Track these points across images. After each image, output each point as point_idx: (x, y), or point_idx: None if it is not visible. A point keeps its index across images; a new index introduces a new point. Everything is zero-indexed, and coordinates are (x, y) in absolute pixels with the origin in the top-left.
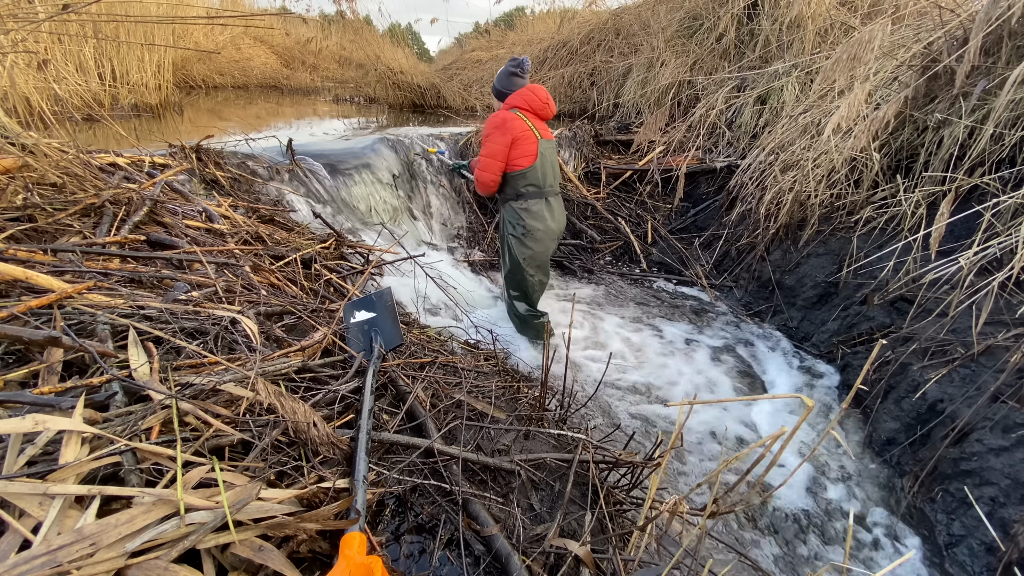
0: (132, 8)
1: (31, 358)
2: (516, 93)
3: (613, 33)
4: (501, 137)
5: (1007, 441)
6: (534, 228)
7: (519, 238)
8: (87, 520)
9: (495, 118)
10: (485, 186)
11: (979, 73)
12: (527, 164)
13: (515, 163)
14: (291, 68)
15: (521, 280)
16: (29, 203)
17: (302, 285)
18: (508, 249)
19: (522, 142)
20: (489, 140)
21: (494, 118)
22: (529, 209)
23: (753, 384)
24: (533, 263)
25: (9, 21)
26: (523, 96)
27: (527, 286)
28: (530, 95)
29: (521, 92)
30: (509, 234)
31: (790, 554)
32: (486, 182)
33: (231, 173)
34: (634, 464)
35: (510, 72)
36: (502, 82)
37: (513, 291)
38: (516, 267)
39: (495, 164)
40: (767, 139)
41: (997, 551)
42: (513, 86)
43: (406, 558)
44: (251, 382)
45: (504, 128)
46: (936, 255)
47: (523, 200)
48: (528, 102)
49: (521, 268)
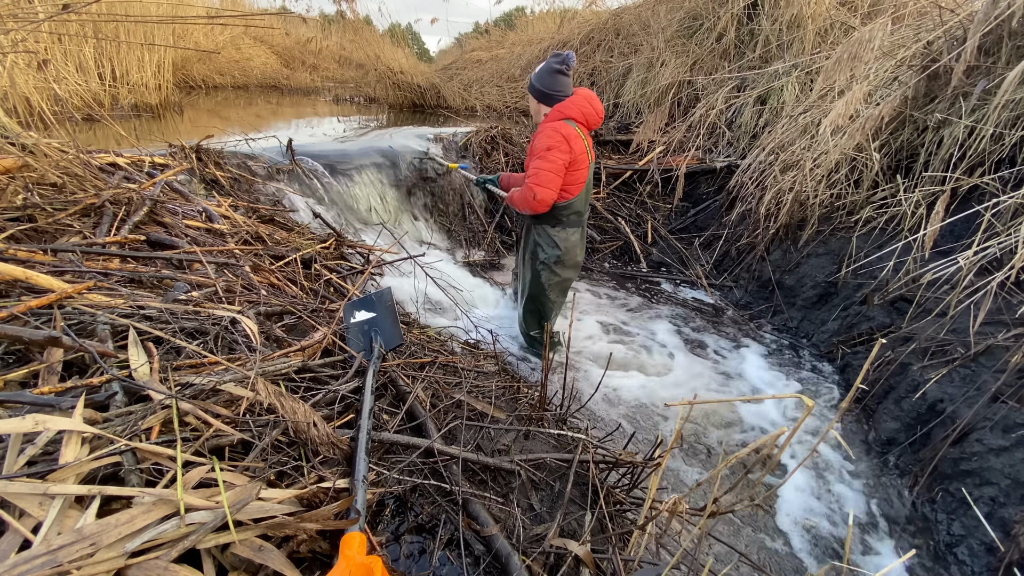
0: (132, 8)
1: (31, 358)
2: (570, 101)
3: (613, 33)
4: (564, 155)
5: (1007, 441)
6: (567, 259)
7: (550, 265)
8: (87, 520)
9: (557, 129)
10: (541, 204)
11: (979, 73)
12: (577, 193)
13: (567, 190)
14: (291, 68)
15: (543, 305)
16: (29, 203)
17: (302, 285)
18: (535, 274)
19: (578, 166)
20: (552, 154)
21: (556, 129)
22: (568, 239)
23: (753, 384)
24: (558, 289)
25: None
26: (579, 107)
27: (548, 311)
28: (587, 107)
29: (576, 102)
30: (540, 260)
31: (790, 554)
32: (544, 199)
33: (231, 173)
34: (634, 464)
35: (555, 69)
36: (545, 81)
37: (531, 313)
38: (540, 293)
39: (557, 180)
40: (767, 139)
41: (997, 551)
42: (560, 87)
43: (406, 558)
44: (251, 382)
45: (570, 146)
46: (935, 255)
47: (561, 228)
48: (585, 115)
49: (545, 294)
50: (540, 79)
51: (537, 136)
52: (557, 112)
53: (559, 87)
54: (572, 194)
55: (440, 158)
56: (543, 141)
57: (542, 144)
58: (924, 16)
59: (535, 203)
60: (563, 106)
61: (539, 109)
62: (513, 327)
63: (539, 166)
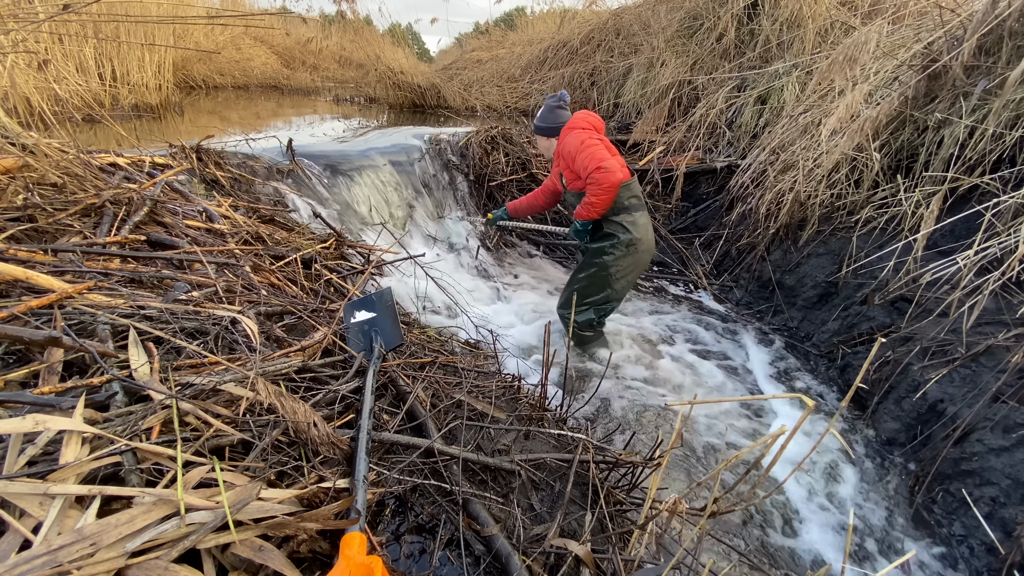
0: (132, 8)
1: (31, 358)
2: (578, 117)
3: (613, 33)
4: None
5: (1007, 441)
6: (640, 244)
7: (623, 252)
8: (87, 520)
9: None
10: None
11: (979, 73)
12: (629, 175)
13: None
14: (291, 68)
15: (605, 292)
16: (29, 203)
17: (302, 285)
18: (603, 268)
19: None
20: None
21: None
22: (636, 222)
23: (753, 384)
24: (626, 279)
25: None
26: (586, 119)
27: (612, 298)
28: (592, 117)
29: (580, 115)
30: (609, 253)
31: (790, 554)
32: (616, 179)
33: (231, 173)
34: (634, 464)
35: (554, 107)
36: (549, 119)
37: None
38: (605, 279)
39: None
40: (767, 139)
41: (998, 552)
42: (562, 119)
43: (406, 558)
44: (251, 382)
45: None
46: (936, 255)
47: (628, 213)
48: (590, 122)
49: (610, 278)
50: (543, 119)
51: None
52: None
53: (562, 120)
54: (625, 175)
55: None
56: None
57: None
58: (924, 16)
59: (610, 187)
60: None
61: (549, 144)
62: (514, 326)
63: (589, 155)
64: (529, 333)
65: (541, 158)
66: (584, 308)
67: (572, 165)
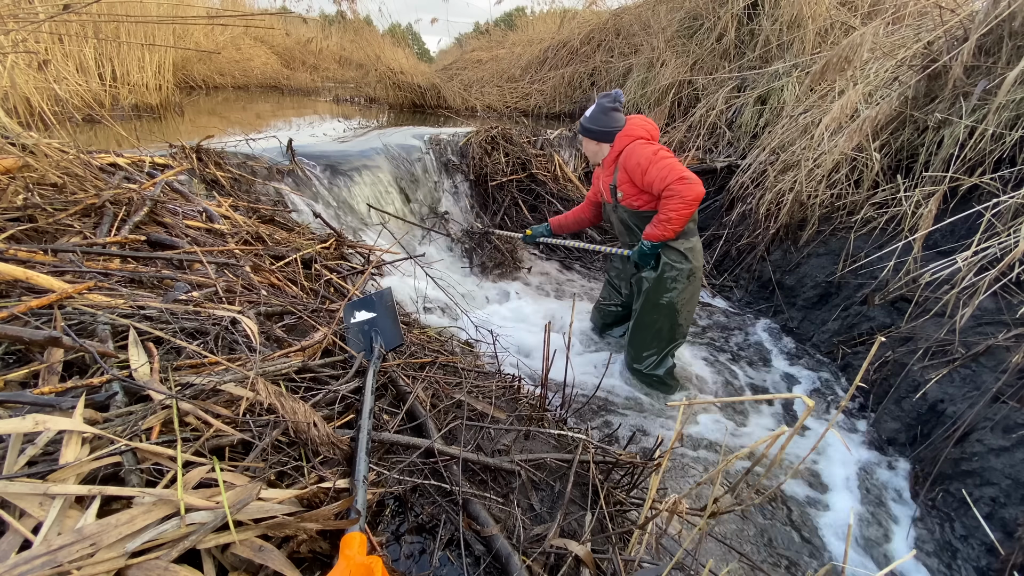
0: (132, 8)
1: (31, 358)
2: (635, 124)
3: (613, 33)
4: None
5: (1008, 441)
6: (697, 268)
7: (684, 281)
8: (87, 520)
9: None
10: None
11: (979, 73)
12: None
13: None
14: (291, 68)
15: (675, 329)
16: (29, 203)
17: (302, 285)
18: (671, 304)
19: None
20: (661, 160)
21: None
22: (694, 248)
23: (753, 384)
24: (689, 308)
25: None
26: (643, 127)
27: (679, 334)
28: (649, 124)
29: (639, 123)
30: (672, 285)
31: (790, 554)
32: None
33: (231, 173)
34: (634, 464)
35: (608, 108)
36: (601, 121)
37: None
38: (673, 315)
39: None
40: (767, 139)
41: (998, 552)
42: (617, 122)
43: (406, 558)
44: (251, 382)
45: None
46: (936, 255)
47: (687, 239)
48: (649, 132)
49: (678, 314)
50: (595, 121)
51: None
52: (625, 137)
53: (616, 123)
54: None
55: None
56: (645, 152)
57: (643, 157)
58: (924, 16)
59: (694, 199)
60: (626, 131)
61: (599, 149)
62: (514, 325)
63: (666, 166)
64: (530, 333)
65: (541, 158)
66: (662, 355)
67: (640, 179)
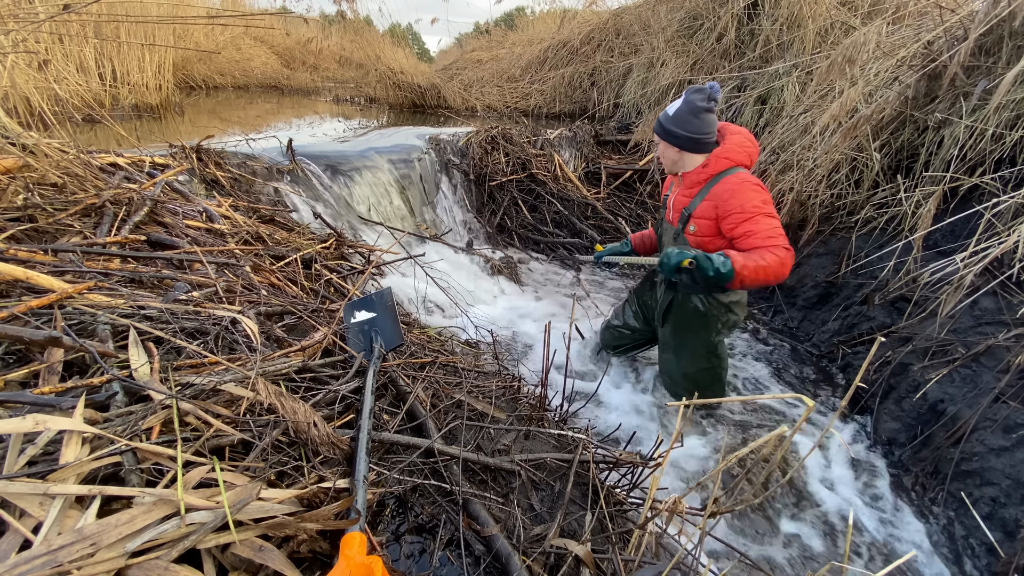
0: (132, 8)
1: (32, 358)
2: (736, 144)
3: (613, 33)
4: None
5: (1008, 441)
6: (739, 322)
7: (726, 334)
8: (87, 520)
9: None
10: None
11: (979, 73)
12: None
13: None
14: (291, 68)
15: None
16: (30, 203)
17: (302, 285)
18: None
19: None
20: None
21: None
22: (741, 301)
23: (753, 384)
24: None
25: (10, 21)
26: (747, 150)
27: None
28: (752, 147)
29: (741, 142)
30: (717, 335)
31: (790, 554)
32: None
33: (231, 173)
34: (634, 464)
35: (701, 109)
36: (693, 125)
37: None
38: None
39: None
40: (767, 139)
41: (998, 552)
42: (711, 128)
43: (406, 558)
44: (251, 382)
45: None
46: (936, 255)
47: (734, 292)
48: (752, 158)
49: (723, 364)
50: (684, 123)
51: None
52: (724, 160)
53: (709, 128)
54: None
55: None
56: (754, 196)
57: (756, 199)
58: (924, 16)
59: (787, 270)
60: (727, 152)
61: (682, 158)
62: (513, 326)
63: (773, 225)
64: (529, 333)
65: (541, 158)
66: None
67: (723, 216)
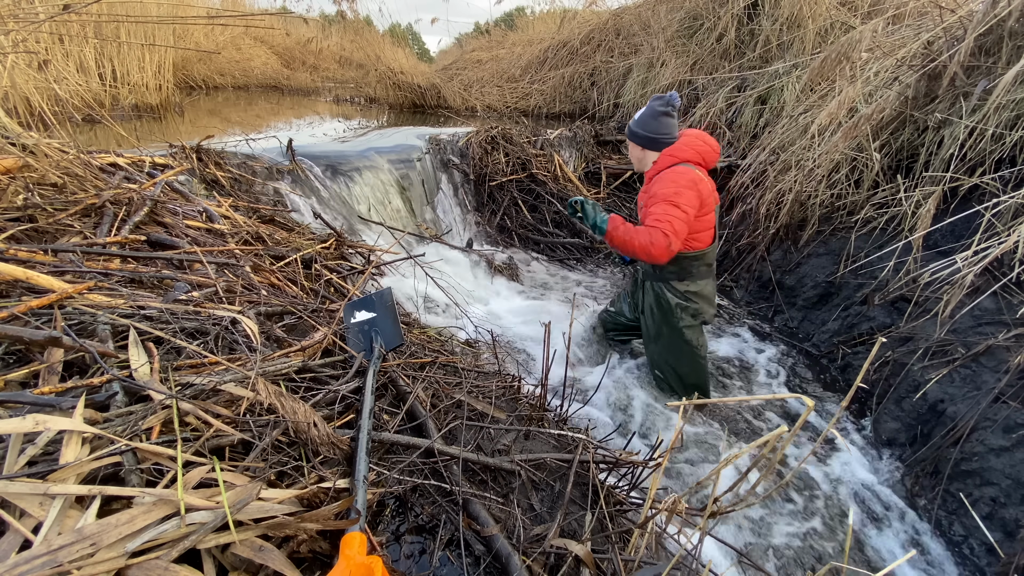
0: (132, 8)
1: (32, 358)
2: (683, 144)
3: (613, 33)
4: (696, 200)
5: (1008, 441)
6: (705, 311)
7: (692, 322)
8: (87, 520)
9: (684, 175)
10: (663, 254)
11: (979, 73)
12: (709, 241)
13: (696, 238)
14: (291, 68)
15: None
16: (30, 203)
17: (302, 285)
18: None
19: (706, 212)
20: (682, 200)
21: (682, 174)
22: (701, 292)
23: (753, 384)
24: (702, 340)
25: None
26: (695, 147)
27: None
28: (703, 146)
29: (689, 142)
30: (682, 322)
31: (790, 554)
32: (670, 250)
33: (231, 173)
34: (634, 464)
35: (660, 112)
36: (651, 126)
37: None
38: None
39: (685, 230)
40: (767, 139)
41: (998, 552)
42: (667, 129)
43: (406, 558)
44: (251, 382)
45: (698, 190)
46: (936, 255)
47: (691, 281)
48: (703, 155)
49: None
50: (644, 125)
51: (658, 183)
52: (669, 157)
53: (666, 130)
54: (704, 243)
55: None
56: (668, 186)
57: (667, 189)
58: (924, 16)
59: (657, 252)
60: (674, 149)
61: (644, 156)
62: (513, 325)
63: (670, 212)
64: (529, 333)
65: (541, 158)
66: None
67: (649, 203)
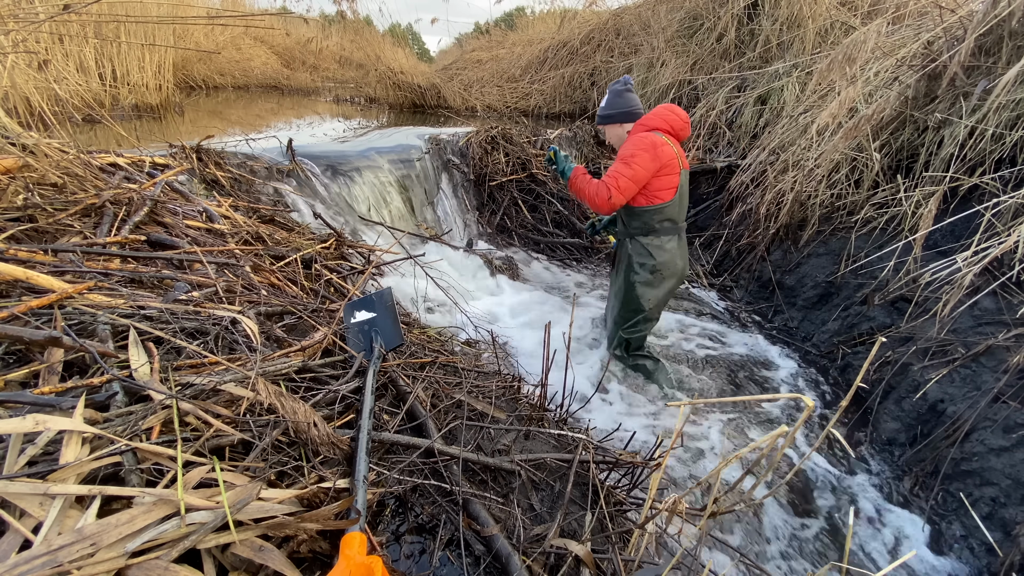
0: (132, 8)
1: (32, 358)
2: (655, 114)
3: (613, 33)
4: (651, 163)
5: (1008, 441)
6: (665, 269)
7: (648, 278)
8: (88, 520)
9: (644, 139)
10: (606, 206)
11: (979, 73)
12: (668, 198)
13: (656, 195)
14: (291, 68)
15: (637, 324)
16: (30, 203)
17: (302, 285)
18: (630, 290)
19: (668, 172)
20: (635, 160)
21: (643, 139)
22: (663, 246)
23: (753, 384)
24: (657, 308)
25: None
26: (663, 117)
27: (643, 332)
28: (671, 115)
29: (660, 113)
30: (635, 274)
31: (790, 554)
32: (615, 202)
33: (231, 173)
34: (634, 464)
35: (622, 91)
36: (619, 104)
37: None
38: (637, 310)
39: (632, 188)
40: (767, 139)
41: (997, 552)
42: (633, 103)
43: (406, 558)
44: (251, 382)
45: (656, 153)
46: (936, 255)
47: (655, 236)
48: (670, 123)
49: (642, 312)
50: (614, 105)
51: (623, 146)
52: (639, 126)
53: (632, 104)
54: (663, 199)
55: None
56: (628, 148)
57: (627, 151)
58: (924, 16)
59: (600, 202)
60: (645, 119)
61: (620, 132)
62: (514, 325)
63: (620, 170)
64: (529, 333)
65: (541, 158)
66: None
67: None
